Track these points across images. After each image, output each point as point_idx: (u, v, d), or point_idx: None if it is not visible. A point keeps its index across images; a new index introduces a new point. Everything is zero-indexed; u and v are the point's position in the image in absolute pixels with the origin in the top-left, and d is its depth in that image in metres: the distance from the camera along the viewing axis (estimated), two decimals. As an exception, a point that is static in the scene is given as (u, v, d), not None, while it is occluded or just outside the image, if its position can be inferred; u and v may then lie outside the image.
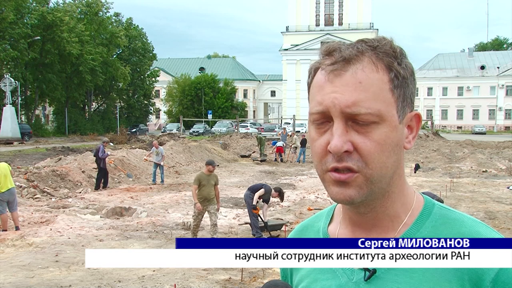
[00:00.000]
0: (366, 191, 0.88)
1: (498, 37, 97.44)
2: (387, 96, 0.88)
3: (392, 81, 0.88)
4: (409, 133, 0.93)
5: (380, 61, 0.88)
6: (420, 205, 0.96)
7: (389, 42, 0.91)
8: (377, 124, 0.87)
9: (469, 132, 62.86)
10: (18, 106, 43.11)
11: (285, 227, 9.97)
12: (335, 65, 0.89)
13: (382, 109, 0.87)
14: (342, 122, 0.87)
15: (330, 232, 1.03)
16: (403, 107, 0.90)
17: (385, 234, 0.94)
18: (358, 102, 0.86)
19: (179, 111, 67.48)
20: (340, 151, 0.86)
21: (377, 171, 0.87)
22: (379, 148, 0.87)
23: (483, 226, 0.92)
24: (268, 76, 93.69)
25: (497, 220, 11.17)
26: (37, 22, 45.22)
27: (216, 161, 13.80)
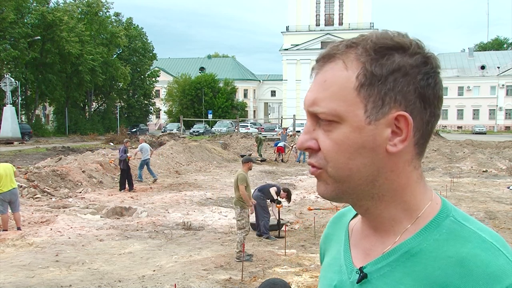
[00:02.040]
0: (332, 188, 0.89)
1: (498, 37, 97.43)
2: (349, 96, 0.84)
3: (358, 79, 0.84)
4: (395, 136, 0.85)
5: (354, 59, 0.85)
6: (431, 215, 0.89)
7: (371, 37, 0.86)
8: (337, 124, 0.85)
9: (469, 132, 62.86)
10: (18, 106, 43.14)
11: (285, 227, 9.97)
12: (316, 64, 0.90)
13: (338, 109, 0.84)
14: (310, 119, 0.89)
15: (350, 225, 1.03)
16: (376, 107, 0.84)
17: (387, 237, 0.91)
18: (316, 101, 0.87)
19: (179, 111, 67.47)
20: (301, 147, 0.90)
21: (338, 171, 0.87)
22: (337, 148, 0.86)
23: (488, 249, 0.82)
24: (268, 76, 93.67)
25: (497, 220, 11.17)
26: (37, 22, 45.25)
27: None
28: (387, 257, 0.89)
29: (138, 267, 7.65)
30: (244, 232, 8.16)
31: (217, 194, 15.47)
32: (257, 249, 8.82)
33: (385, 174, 0.87)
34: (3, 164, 9.95)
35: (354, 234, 1.00)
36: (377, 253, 0.91)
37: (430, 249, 0.85)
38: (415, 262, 0.86)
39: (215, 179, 19.22)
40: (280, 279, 3.07)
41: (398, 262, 0.87)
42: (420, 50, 0.86)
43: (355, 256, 0.96)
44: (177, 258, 8.15)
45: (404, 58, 0.85)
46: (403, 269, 0.86)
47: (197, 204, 13.53)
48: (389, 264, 0.88)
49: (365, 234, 0.96)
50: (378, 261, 0.90)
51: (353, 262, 0.95)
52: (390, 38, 0.86)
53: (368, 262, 0.92)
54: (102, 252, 8.50)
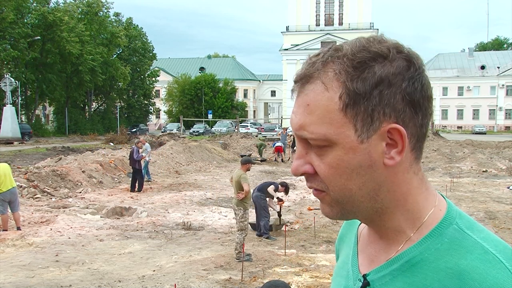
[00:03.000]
0: (337, 209, 0.87)
1: (499, 37, 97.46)
2: (336, 117, 0.81)
3: (342, 99, 0.81)
4: (391, 148, 0.83)
5: (333, 78, 0.82)
6: (434, 223, 0.86)
7: (348, 52, 0.82)
8: (329, 147, 0.83)
9: (469, 132, 62.85)
10: (18, 106, 43.14)
11: (285, 227, 9.97)
12: (295, 84, 0.87)
13: (328, 133, 0.82)
14: (301, 143, 0.86)
15: (359, 229, 1.02)
16: (366, 124, 0.81)
17: (390, 246, 0.90)
18: (303, 126, 0.84)
19: (179, 111, 67.47)
20: (295, 173, 0.87)
21: (339, 193, 0.85)
22: (334, 172, 0.83)
23: (489, 261, 0.80)
24: (268, 76, 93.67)
25: (497, 220, 11.17)
26: (37, 22, 45.27)
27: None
28: (389, 265, 0.88)
29: (138, 267, 7.65)
30: (244, 233, 8.16)
31: (217, 194, 15.47)
32: (257, 249, 8.82)
33: (386, 187, 0.85)
34: (1, 164, 9.95)
35: (362, 239, 0.99)
36: (381, 261, 0.91)
37: (431, 259, 0.84)
38: (415, 272, 0.84)
39: (215, 179, 19.22)
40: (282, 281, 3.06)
41: (400, 271, 0.86)
42: (399, 55, 0.82)
43: (361, 262, 0.96)
44: (177, 258, 8.15)
45: (385, 68, 0.81)
46: (403, 278, 0.85)
47: (197, 204, 13.53)
48: (391, 273, 0.87)
49: (371, 240, 0.96)
50: (381, 269, 0.89)
51: (359, 268, 0.95)
52: (366, 49, 0.82)
53: (372, 269, 0.91)
54: (102, 252, 8.50)
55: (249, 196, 8.41)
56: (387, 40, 0.84)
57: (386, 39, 0.84)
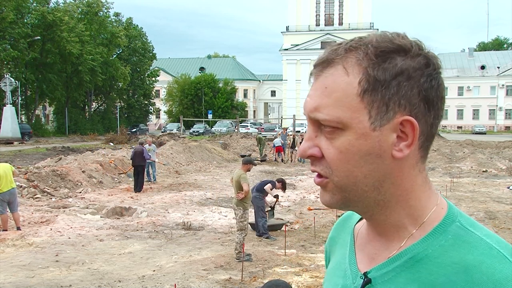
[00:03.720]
0: (339, 197, 0.87)
1: (499, 37, 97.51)
2: (353, 102, 0.82)
3: (361, 85, 0.82)
4: (400, 141, 0.84)
5: (355, 64, 0.83)
6: (437, 220, 0.87)
7: (372, 40, 0.84)
8: (341, 131, 0.83)
9: (469, 132, 62.87)
10: (18, 106, 43.14)
11: (285, 227, 9.98)
12: (314, 69, 0.88)
13: (342, 116, 0.82)
14: (311, 126, 0.87)
15: (356, 228, 1.02)
16: (380, 112, 0.82)
17: (391, 242, 0.90)
18: (318, 107, 0.84)
19: (179, 111, 67.47)
20: (302, 155, 0.87)
21: (344, 180, 0.85)
22: (342, 156, 0.84)
23: (494, 256, 0.81)
24: (268, 76, 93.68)
25: (497, 220, 11.17)
26: (37, 22, 45.27)
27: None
28: (392, 262, 0.88)
29: (138, 267, 7.65)
30: (244, 233, 8.16)
31: (217, 194, 15.47)
32: (257, 249, 8.82)
33: (390, 180, 0.86)
34: (2, 164, 9.95)
35: (359, 238, 0.99)
36: (382, 258, 0.91)
37: (436, 255, 0.84)
38: (420, 268, 0.85)
39: (215, 179, 19.22)
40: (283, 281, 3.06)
41: (403, 268, 0.86)
42: (421, 52, 0.85)
43: (360, 261, 0.95)
44: (177, 258, 8.15)
45: (406, 61, 0.83)
46: (407, 275, 0.85)
47: (197, 204, 13.53)
48: (393, 270, 0.87)
49: (370, 238, 0.95)
50: (383, 266, 0.89)
51: (358, 267, 0.94)
52: (390, 41, 0.84)
53: (372, 267, 0.91)
54: (102, 252, 8.50)
55: (249, 196, 8.42)
56: (409, 37, 0.87)
57: (408, 36, 0.87)
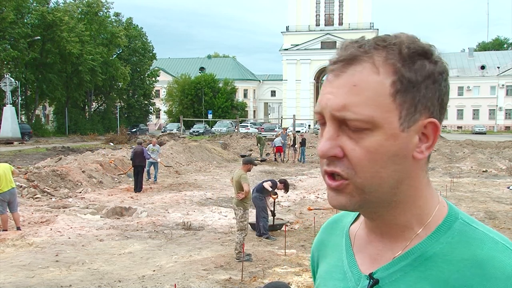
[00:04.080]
0: (358, 199, 0.85)
1: (499, 37, 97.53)
2: (385, 102, 0.81)
3: (394, 85, 0.82)
4: (421, 143, 0.85)
5: (384, 63, 0.82)
6: (440, 218, 0.89)
7: (402, 41, 0.84)
8: (370, 131, 0.81)
9: (469, 132, 62.87)
10: (18, 106, 43.13)
11: (285, 227, 9.98)
12: (335, 65, 0.85)
13: (375, 116, 0.81)
14: (333, 125, 0.84)
15: (351, 230, 1.01)
16: (409, 113, 0.82)
17: (396, 243, 0.90)
18: (348, 106, 0.81)
19: (179, 111, 67.47)
20: (325, 155, 0.84)
21: (368, 181, 0.83)
22: (370, 157, 0.82)
23: (504, 250, 0.83)
24: (268, 76, 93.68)
25: (497, 220, 11.17)
26: (37, 22, 45.27)
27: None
28: (398, 261, 0.88)
29: (138, 267, 7.65)
30: (244, 233, 8.17)
31: (217, 194, 15.47)
32: (257, 249, 8.82)
33: (406, 181, 0.86)
34: (1, 164, 9.95)
35: (357, 240, 0.98)
36: (387, 259, 0.90)
37: (444, 252, 0.85)
38: (429, 266, 0.85)
39: (215, 179, 19.22)
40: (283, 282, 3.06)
41: (411, 267, 0.86)
42: (439, 57, 0.87)
43: (361, 263, 0.94)
44: (177, 258, 8.15)
45: (431, 65, 0.84)
46: (417, 273, 0.85)
47: (197, 204, 13.53)
48: (401, 269, 0.87)
49: (370, 240, 0.95)
50: (389, 266, 0.89)
51: (359, 269, 0.94)
52: (417, 43, 0.85)
53: (376, 268, 0.90)
54: (102, 252, 8.50)
55: (249, 196, 8.42)
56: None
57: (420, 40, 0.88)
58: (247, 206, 8.31)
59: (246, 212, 8.26)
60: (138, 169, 15.71)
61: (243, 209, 8.23)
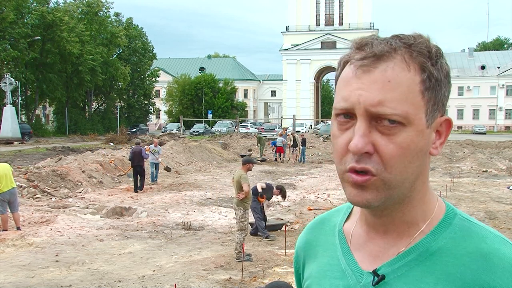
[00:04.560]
0: (383, 195, 0.85)
1: (499, 37, 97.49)
2: (416, 98, 0.83)
3: (424, 83, 0.84)
4: (436, 139, 0.88)
5: (413, 60, 0.84)
6: (441, 214, 0.91)
7: (425, 41, 0.86)
8: (403, 127, 0.82)
9: (469, 132, 62.86)
10: (18, 106, 43.11)
11: (285, 227, 9.98)
12: (365, 61, 0.84)
13: (409, 111, 0.82)
14: (365, 121, 0.83)
15: (345, 229, 1.01)
16: (433, 111, 0.85)
17: (400, 239, 0.91)
18: (384, 101, 0.81)
19: (179, 111, 67.48)
20: (360, 151, 0.82)
21: (397, 176, 0.84)
22: (402, 152, 0.83)
23: (505, 243, 0.86)
24: (268, 76, 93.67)
25: (497, 220, 11.17)
26: (37, 22, 45.26)
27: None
28: (403, 257, 0.89)
29: (138, 267, 7.65)
30: (244, 233, 8.17)
31: (217, 194, 15.48)
32: (257, 249, 8.83)
33: (421, 177, 0.89)
34: (1, 165, 9.96)
35: (354, 238, 0.98)
36: (390, 255, 0.91)
37: (448, 247, 0.87)
38: (435, 261, 0.86)
39: (215, 179, 19.23)
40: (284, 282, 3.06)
41: (417, 262, 0.87)
42: (445, 58, 0.90)
43: (361, 260, 0.94)
44: (177, 258, 8.15)
45: (446, 65, 0.89)
46: (422, 268, 0.87)
47: (197, 204, 13.53)
48: (406, 264, 0.88)
49: (370, 237, 0.95)
50: (394, 261, 0.89)
51: (360, 266, 0.94)
52: (434, 44, 0.88)
53: (379, 265, 0.91)
54: (102, 252, 8.50)
55: (249, 197, 8.41)
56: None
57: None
58: (247, 206, 8.31)
59: (246, 212, 8.26)
60: (137, 169, 15.72)
61: (243, 209, 8.23)
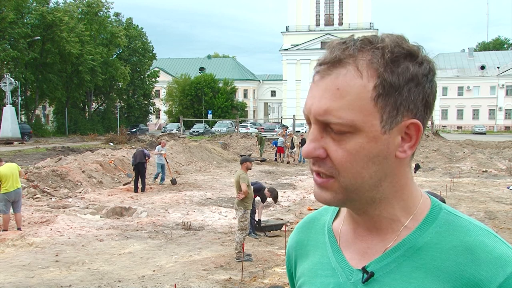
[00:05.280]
0: (342, 197, 0.88)
1: (499, 37, 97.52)
2: (367, 106, 0.83)
3: (376, 89, 0.83)
4: (404, 142, 0.87)
5: (368, 66, 0.83)
6: (426, 210, 0.92)
7: (388, 44, 0.84)
8: (351, 134, 0.83)
9: (469, 132, 62.84)
10: (18, 106, 43.10)
11: (285, 227, 9.98)
12: (321, 66, 0.86)
13: (356, 119, 0.82)
14: (317, 127, 0.86)
15: (334, 227, 1.02)
16: (391, 116, 0.84)
17: (385, 235, 0.92)
18: (330, 110, 0.83)
19: (179, 111, 67.48)
20: (308, 155, 0.87)
21: (351, 180, 0.86)
22: (352, 158, 0.84)
23: (489, 236, 0.87)
24: (268, 76, 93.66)
25: (497, 220, 11.17)
26: (37, 22, 45.25)
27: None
28: (391, 253, 0.90)
29: (138, 267, 7.65)
30: (244, 233, 8.17)
31: (217, 194, 15.47)
32: (257, 249, 8.83)
33: (389, 179, 0.89)
34: (9, 164, 9.96)
35: (343, 236, 0.99)
36: (377, 252, 0.92)
37: (435, 241, 0.88)
38: (422, 256, 0.88)
39: (215, 179, 19.23)
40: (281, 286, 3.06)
41: (404, 257, 0.89)
42: (425, 58, 0.87)
43: (350, 257, 0.95)
44: (177, 258, 8.15)
45: (415, 67, 0.85)
46: (411, 263, 0.88)
47: (197, 204, 13.53)
48: (394, 260, 0.89)
49: (358, 235, 0.96)
50: (382, 258, 0.91)
51: (349, 263, 0.95)
52: (400, 46, 0.85)
53: (368, 261, 0.92)
54: (102, 252, 8.50)
55: (249, 196, 8.41)
56: (409, 41, 0.89)
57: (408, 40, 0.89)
58: (247, 206, 8.32)
59: (246, 212, 8.26)
60: (139, 167, 15.69)
61: (243, 209, 8.24)
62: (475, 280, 0.83)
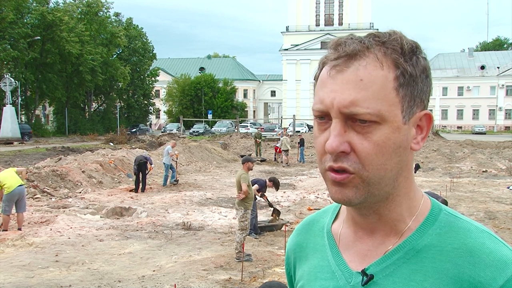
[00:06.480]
0: (363, 192, 0.86)
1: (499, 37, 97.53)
2: (390, 95, 0.84)
3: (398, 79, 0.84)
4: (417, 134, 0.89)
5: (386, 58, 0.84)
6: (426, 210, 0.92)
7: (399, 37, 0.86)
8: (377, 125, 0.83)
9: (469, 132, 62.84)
10: (18, 106, 43.09)
11: (285, 227, 9.98)
12: (338, 60, 0.85)
13: (382, 109, 0.83)
14: (340, 121, 0.84)
15: (333, 230, 1.01)
16: (409, 107, 0.86)
17: (387, 237, 0.91)
18: (356, 101, 0.82)
19: (179, 111, 67.47)
20: (335, 151, 0.84)
21: (375, 173, 0.85)
22: (378, 150, 0.84)
23: (490, 238, 0.87)
24: (268, 76, 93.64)
25: (497, 220, 11.17)
26: (37, 22, 45.25)
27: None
28: (391, 256, 0.89)
29: (138, 267, 7.65)
30: (245, 233, 8.17)
31: (217, 194, 15.48)
32: (257, 249, 8.83)
33: (403, 173, 0.89)
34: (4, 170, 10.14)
35: (343, 239, 0.98)
36: (378, 254, 0.91)
37: (434, 243, 0.87)
38: (422, 258, 0.87)
39: (215, 179, 19.23)
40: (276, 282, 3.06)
41: (404, 260, 0.88)
42: (425, 53, 0.90)
43: (350, 260, 0.95)
44: (177, 258, 8.15)
45: (423, 60, 0.88)
46: (410, 265, 0.87)
47: (197, 204, 13.53)
48: (394, 263, 0.89)
49: (358, 237, 0.95)
50: (382, 260, 0.90)
51: (349, 266, 0.94)
52: (407, 40, 0.88)
53: (368, 264, 0.91)
54: (102, 252, 8.50)
55: (250, 196, 8.42)
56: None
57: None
58: (248, 206, 8.32)
59: (247, 212, 8.26)
60: (141, 167, 15.70)
61: (244, 209, 8.24)
62: (475, 283, 0.82)
